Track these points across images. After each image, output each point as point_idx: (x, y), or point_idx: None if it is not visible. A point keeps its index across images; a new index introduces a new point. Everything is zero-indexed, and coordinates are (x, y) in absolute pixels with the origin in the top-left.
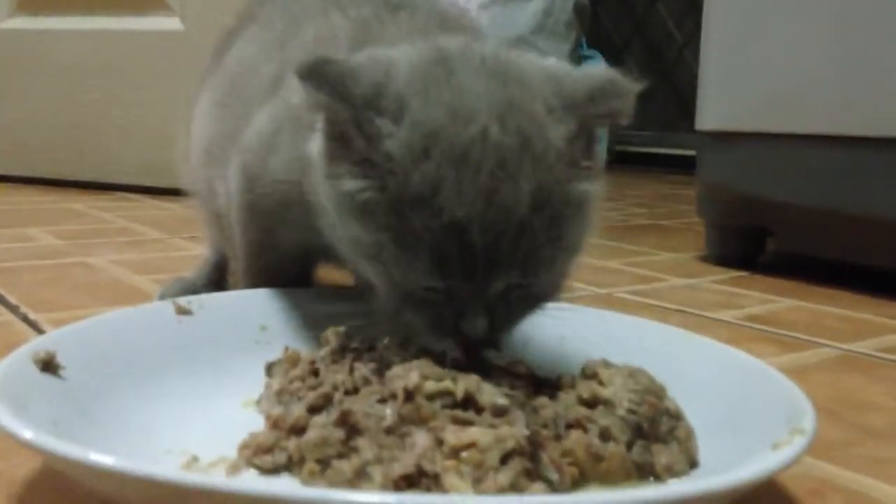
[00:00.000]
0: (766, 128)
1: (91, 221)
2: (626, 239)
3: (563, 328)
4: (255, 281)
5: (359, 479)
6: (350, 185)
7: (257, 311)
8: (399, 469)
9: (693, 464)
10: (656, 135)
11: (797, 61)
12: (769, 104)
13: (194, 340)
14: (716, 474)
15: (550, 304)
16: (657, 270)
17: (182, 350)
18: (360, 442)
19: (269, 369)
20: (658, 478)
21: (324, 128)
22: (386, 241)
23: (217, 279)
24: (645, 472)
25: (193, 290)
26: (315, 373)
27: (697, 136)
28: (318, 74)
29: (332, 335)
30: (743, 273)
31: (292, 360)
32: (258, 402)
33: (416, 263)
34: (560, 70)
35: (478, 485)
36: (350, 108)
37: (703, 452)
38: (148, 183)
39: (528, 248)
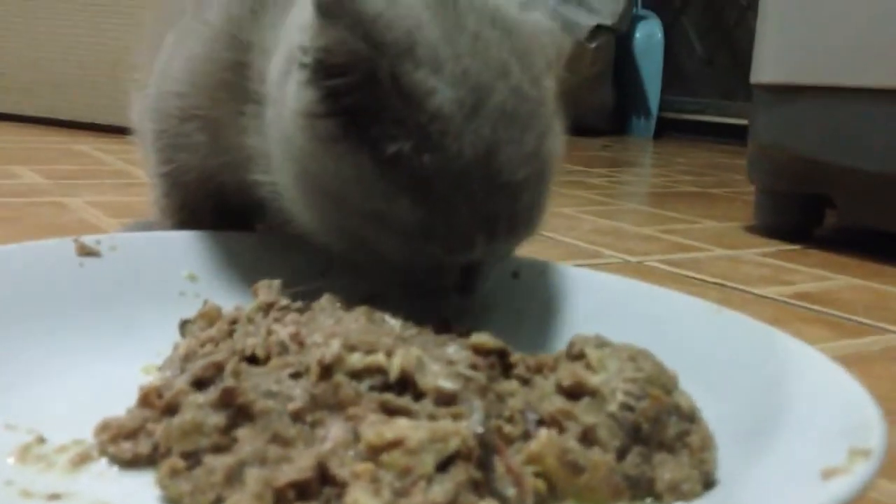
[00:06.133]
0: (831, 80)
1: (88, 163)
2: (667, 206)
3: (557, 295)
4: (174, 224)
5: (230, 483)
6: (385, 148)
7: (186, 256)
8: (288, 474)
9: (708, 483)
10: (712, 102)
11: (867, 5)
12: (835, 53)
13: (96, 288)
14: (736, 500)
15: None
16: (697, 239)
17: (76, 299)
18: (242, 432)
19: (183, 328)
20: (658, 499)
21: (317, 76)
22: (415, 205)
23: None
24: (640, 489)
25: None
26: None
27: (754, 97)
28: (346, 13)
29: (262, 288)
30: (795, 246)
31: (210, 316)
32: (160, 369)
33: (457, 225)
34: (530, 21)
35: (398, 500)
36: (384, 58)
37: (724, 467)
38: None
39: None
